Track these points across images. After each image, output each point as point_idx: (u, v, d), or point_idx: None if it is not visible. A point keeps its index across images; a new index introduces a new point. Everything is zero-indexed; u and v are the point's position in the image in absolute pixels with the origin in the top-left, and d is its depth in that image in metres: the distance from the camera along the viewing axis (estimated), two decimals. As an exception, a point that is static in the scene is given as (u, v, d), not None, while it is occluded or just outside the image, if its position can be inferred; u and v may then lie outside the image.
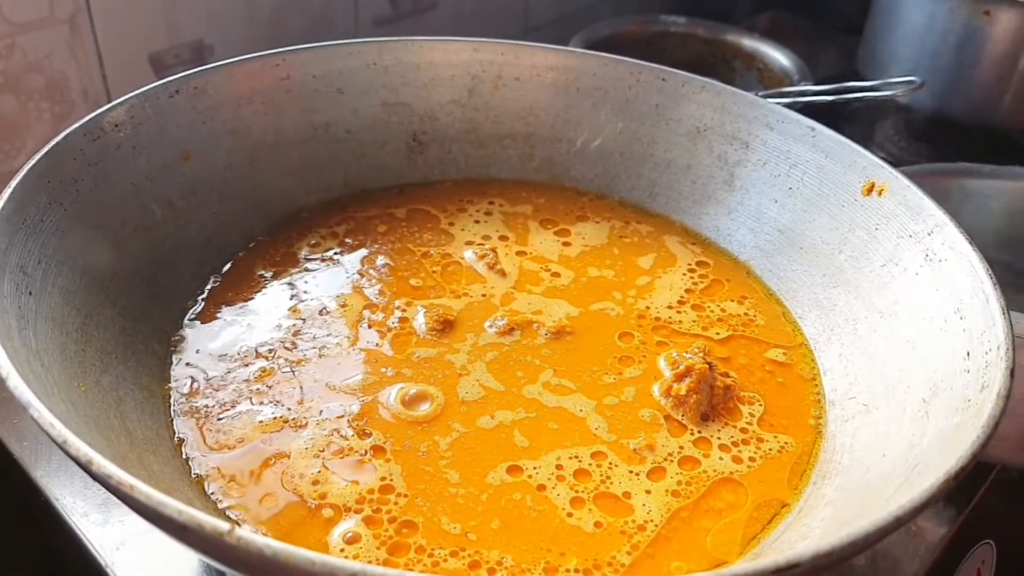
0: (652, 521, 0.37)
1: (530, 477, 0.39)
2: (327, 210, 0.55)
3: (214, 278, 0.49)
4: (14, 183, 0.39)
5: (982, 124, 0.77)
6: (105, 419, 0.35)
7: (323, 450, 0.39)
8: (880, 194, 0.48)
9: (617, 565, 0.35)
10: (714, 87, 0.56)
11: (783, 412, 0.44)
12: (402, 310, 0.48)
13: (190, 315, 0.46)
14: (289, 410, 0.41)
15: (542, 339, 0.47)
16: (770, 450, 0.42)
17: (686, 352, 0.45)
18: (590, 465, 0.40)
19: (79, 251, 0.42)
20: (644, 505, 0.38)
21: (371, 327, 0.46)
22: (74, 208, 0.42)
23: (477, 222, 0.56)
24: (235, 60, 0.53)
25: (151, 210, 0.47)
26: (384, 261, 0.51)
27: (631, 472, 0.39)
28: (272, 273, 0.50)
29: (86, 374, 0.37)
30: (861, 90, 0.72)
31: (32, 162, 0.41)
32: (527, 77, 0.59)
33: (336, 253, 0.52)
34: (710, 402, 0.43)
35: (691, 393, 0.43)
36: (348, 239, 0.53)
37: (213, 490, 0.37)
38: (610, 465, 0.40)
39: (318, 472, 0.38)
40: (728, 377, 0.45)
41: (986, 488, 0.50)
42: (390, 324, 0.47)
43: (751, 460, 0.41)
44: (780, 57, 0.82)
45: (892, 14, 0.80)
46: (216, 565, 0.31)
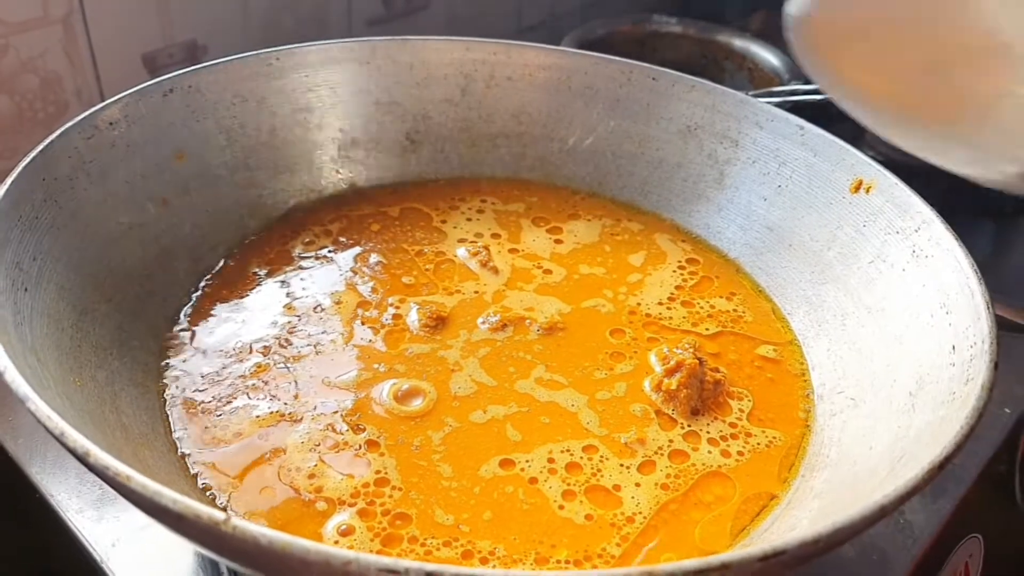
0: (641, 513, 0.38)
1: (522, 470, 0.39)
2: (321, 208, 0.56)
3: (208, 275, 0.49)
4: (9, 180, 0.39)
5: (970, 123, 0.77)
6: (100, 414, 0.36)
7: (319, 445, 0.39)
8: (868, 191, 0.48)
9: (607, 556, 0.36)
10: (704, 86, 0.57)
11: (772, 407, 0.44)
12: (396, 307, 0.48)
13: (185, 312, 0.47)
14: (285, 404, 0.41)
15: (534, 335, 0.47)
16: (759, 444, 0.42)
17: (676, 348, 0.46)
18: (581, 458, 0.40)
19: (74, 248, 0.42)
20: (633, 498, 0.38)
21: (365, 324, 0.47)
22: (69, 206, 0.43)
23: (470, 220, 0.56)
24: (229, 59, 0.53)
25: (145, 208, 0.48)
26: (377, 259, 0.52)
27: (622, 465, 0.40)
28: (266, 271, 0.50)
29: (82, 369, 0.37)
30: (850, 89, 0.73)
31: (27, 160, 0.41)
32: (519, 76, 0.60)
33: (330, 251, 0.52)
34: (700, 397, 0.44)
35: (681, 388, 0.43)
36: (342, 237, 0.54)
37: (208, 484, 0.37)
38: (601, 458, 0.40)
39: (314, 466, 0.38)
40: (718, 372, 0.45)
41: (974, 482, 0.51)
42: (384, 321, 0.47)
43: (739, 454, 0.42)
44: (770, 57, 0.83)
45: (881, 14, 0.81)
46: (212, 556, 0.31)
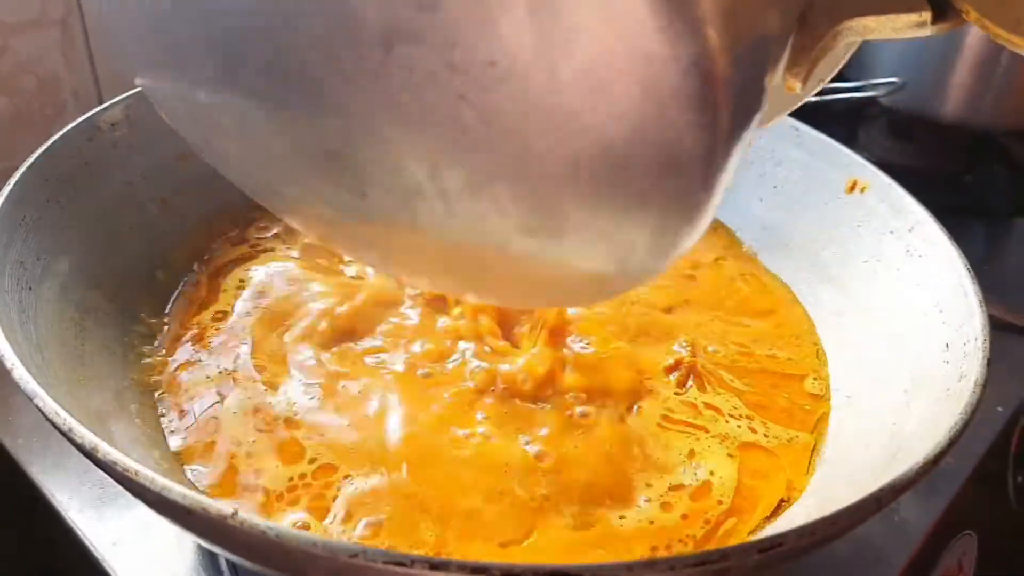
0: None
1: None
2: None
3: (211, 275, 0.49)
4: (13, 181, 0.40)
5: (963, 125, 0.78)
6: (105, 412, 0.36)
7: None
8: (862, 192, 0.49)
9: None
10: (700, 88, 0.57)
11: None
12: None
13: (188, 311, 0.47)
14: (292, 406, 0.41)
15: None
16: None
17: (675, 346, 0.46)
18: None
19: (76, 248, 0.42)
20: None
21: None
22: (71, 206, 0.43)
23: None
24: (229, 61, 0.53)
25: (147, 208, 0.48)
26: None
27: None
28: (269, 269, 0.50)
29: (86, 367, 0.37)
30: (843, 91, 0.73)
31: (30, 161, 0.41)
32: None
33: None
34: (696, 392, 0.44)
35: (678, 385, 0.44)
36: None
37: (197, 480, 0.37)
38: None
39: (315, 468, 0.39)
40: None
41: (967, 480, 0.51)
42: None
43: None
44: (765, 59, 0.83)
45: (874, 17, 0.81)
46: (218, 551, 0.31)
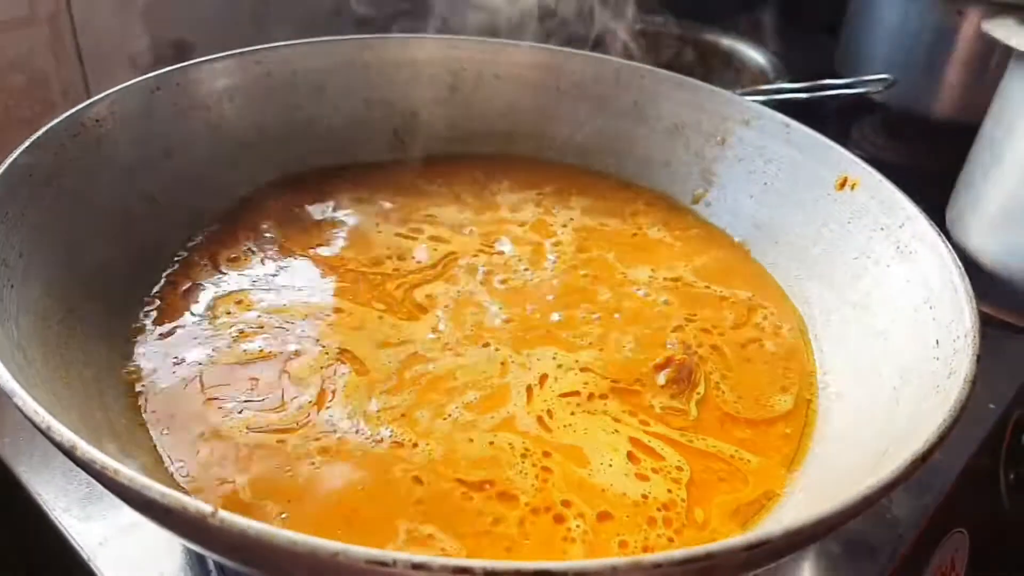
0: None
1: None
2: (307, 205, 0.56)
3: (195, 272, 0.49)
4: (-5, 177, 0.39)
5: (954, 122, 0.78)
6: (87, 410, 0.36)
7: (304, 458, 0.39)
8: (853, 188, 0.49)
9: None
10: (691, 85, 0.57)
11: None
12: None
13: (175, 306, 0.46)
14: (273, 410, 0.41)
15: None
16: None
17: (668, 342, 0.46)
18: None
19: (60, 245, 0.42)
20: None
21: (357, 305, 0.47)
22: (56, 203, 0.42)
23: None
24: (216, 56, 0.53)
25: (132, 205, 0.47)
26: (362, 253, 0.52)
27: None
28: (255, 269, 0.50)
29: (68, 366, 0.37)
30: (836, 88, 0.73)
31: (13, 157, 0.41)
32: (507, 74, 0.60)
33: (316, 251, 0.52)
34: (688, 390, 0.44)
35: (670, 383, 0.44)
36: (333, 236, 0.53)
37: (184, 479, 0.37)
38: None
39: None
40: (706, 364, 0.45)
41: (959, 477, 0.51)
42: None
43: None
44: (756, 56, 0.84)
45: (867, 14, 0.82)
46: (199, 550, 0.31)
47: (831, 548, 0.46)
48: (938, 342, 0.39)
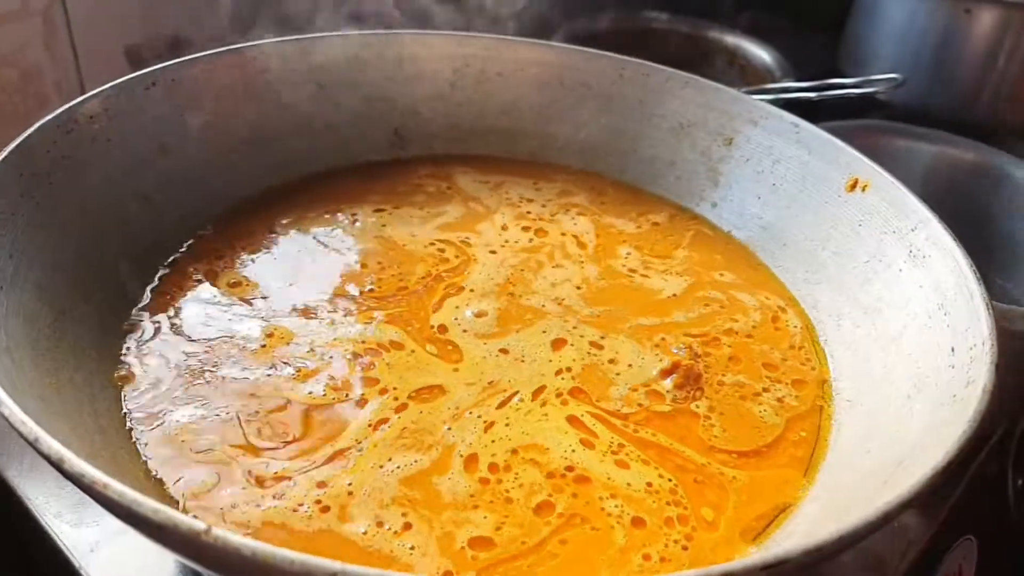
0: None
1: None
2: (307, 204, 0.54)
3: (192, 272, 0.48)
4: (-16, 176, 0.38)
5: (962, 121, 0.77)
6: (78, 416, 0.35)
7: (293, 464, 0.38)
8: (864, 190, 0.48)
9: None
10: (698, 83, 0.56)
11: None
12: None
13: (167, 310, 0.45)
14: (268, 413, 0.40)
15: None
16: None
17: (673, 347, 0.45)
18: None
19: (52, 246, 0.41)
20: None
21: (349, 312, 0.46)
22: (47, 202, 0.41)
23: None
24: (213, 52, 0.52)
25: (126, 205, 0.46)
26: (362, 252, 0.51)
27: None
28: (251, 269, 0.49)
29: (58, 371, 0.36)
30: (843, 87, 0.72)
31: (2, 155, 0.40)
32: (510, 72, 0.59)
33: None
34: (695, 394, 0.43)
35: (676, 389, 0.43)
36: (327, 235, 0.52)
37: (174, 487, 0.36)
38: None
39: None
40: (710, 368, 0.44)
41: (967, 484, 0.50)
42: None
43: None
44: (762, 54, 0.83)
45: (874, 12, 0.81)
46: (193, 566, 0.30)
47: (839, 556, 0.45)
48: (953, 349, 0.38)
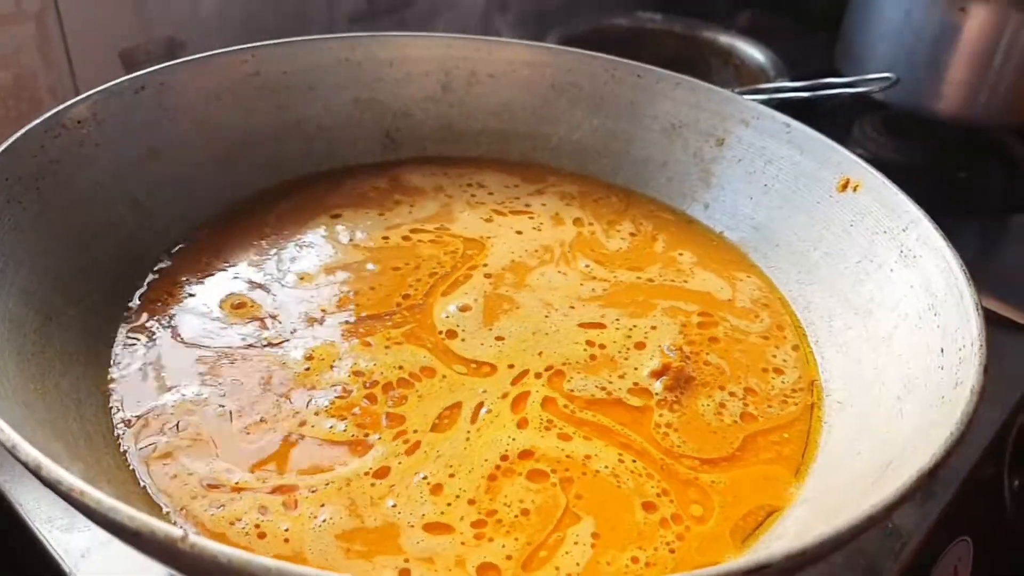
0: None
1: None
2: (299, 208, 0.54)
3: (181, 277, 0.48)
4: (-30, 181, 0.38)
5: (958, 120, 0.77)
6: (64, 423, 0.34)
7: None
8: (855, 190, 0.48)
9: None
10: (689, 83, 0.56)
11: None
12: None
13: (156, 315, 0.45)
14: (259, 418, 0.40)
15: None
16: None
17: (663, 348, 0.45)
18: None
19: (40, 251, 0.40)
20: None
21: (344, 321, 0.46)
22: (34, 207, 0.41)
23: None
24: (203, 55, 0.52)
25: (116, 209, 0.46)
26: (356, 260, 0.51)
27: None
28: (242, 274, 0.49)
29: (44, 376, 0.36)
30: (837, 87, 0.72)
31: (-10, 159, 0.40)
32: (501, 73, 0.59)
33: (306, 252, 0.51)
34: (685, 397, 0.43)
35: (666, 391, 0.42)
36: (321, 238, 0.52)
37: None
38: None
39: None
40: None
41: (962, 485, 0.50)
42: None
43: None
44: (756, 54, 0.82)
45: (868, 11, 0.80)
46: (174, 572, 0.30)
47: (832, 558, 0.45)
48: (943, 350, 0.38)
